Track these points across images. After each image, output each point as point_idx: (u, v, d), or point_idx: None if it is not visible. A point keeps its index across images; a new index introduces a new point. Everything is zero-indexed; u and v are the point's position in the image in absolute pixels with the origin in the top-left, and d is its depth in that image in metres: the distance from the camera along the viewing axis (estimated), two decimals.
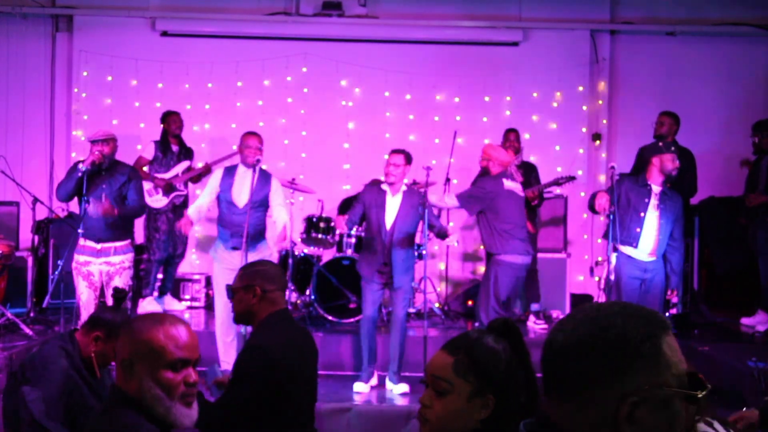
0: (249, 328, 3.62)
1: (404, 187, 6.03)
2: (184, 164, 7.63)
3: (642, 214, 5.74)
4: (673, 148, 5.90)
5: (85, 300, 5.78)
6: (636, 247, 5.75)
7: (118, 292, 3.34)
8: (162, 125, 7.69)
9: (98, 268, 5.85)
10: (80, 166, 5.81)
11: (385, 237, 5.92)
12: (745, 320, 7.22)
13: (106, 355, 3.22)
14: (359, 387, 5.93)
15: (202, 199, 6.11)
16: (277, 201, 6.05)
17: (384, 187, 6.04)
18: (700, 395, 1.29)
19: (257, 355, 3.17)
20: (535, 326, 7.21)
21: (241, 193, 5.91)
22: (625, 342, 1.27)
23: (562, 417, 1.31)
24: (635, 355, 1.27)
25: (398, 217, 5.93)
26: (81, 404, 3.16)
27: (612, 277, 5.81)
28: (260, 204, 5.99)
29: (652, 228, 5.75)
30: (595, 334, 1.29)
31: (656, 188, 5.80)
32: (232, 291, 3.37)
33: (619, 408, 1.26)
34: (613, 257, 5.87)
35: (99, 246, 5.87)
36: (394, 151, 6.02)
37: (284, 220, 5.97)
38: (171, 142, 7.62)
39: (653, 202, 5.78)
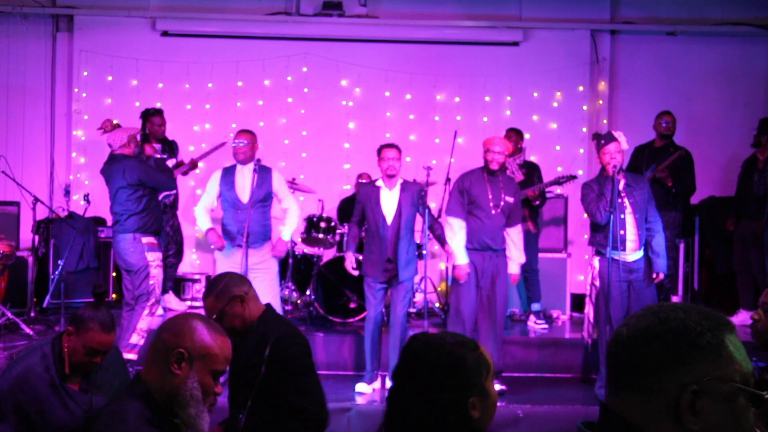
0: None
1: (400, 180, 6.02)
2: (170, 162, 7.53)
3: (622, 216, 5.58)
4: (603, 141, 5.68)
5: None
6: (625, 250, 5.59)
7: (97, 288, 3.28)
8: (143, 122, 7.46)
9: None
10: (157, 155, 6.18)
11: (386, 233, 5.89)
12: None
13: (77, 351, 3.12)
14: (362, 387, 5.91)
15: (205, 200, 6.17)
16: (284, 193, 6.15)
17: (378, 183, 6.02)
18: (767, 395, 1.32)
19: (300, 341, 3.26)
20: (536, 326, 7.21)
21: (245, 189, 5.98)
22: (685, 332, 1.32)
23: (628, 408, 1.36)
24: (694, 345, 1.31)
25: (398, 212, 5.91)
26: (36, 406, 3.07)
27: (597, 283, 5.70)
28: (263, 200, 6.03)
29: (631, 225, 5.62)
30: (656, 324, 1.35)
31: (621, 184, 5.61)
32: (219, 317, 3.28)
33: (680, 397, 1.30)
34: (596, 261, 5.74)
35: (157, 241, 6.00)
36: (388, 146, 6.01)
37: (294, 211, 6.14)
38: (151, 141, 7.32)
39: (624, 200, 5.62)
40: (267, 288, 5.92)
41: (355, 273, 6.14)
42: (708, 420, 1.30)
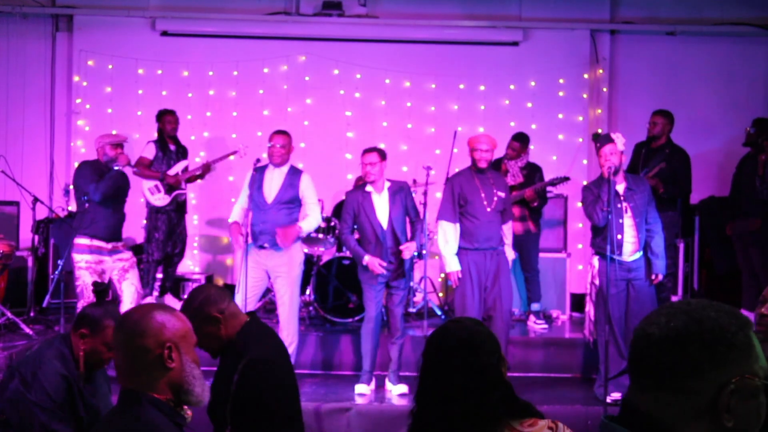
0: None
1: (388, 183, 5.98)
2: (183, 164, 7.62)
3: (621, 220, 5.56)
4: (598, 144, 5.68)
5: None
6: (621, 254, 5.58)
7: (98, 286, 3.31)
8: (158, 124, 7.66)
9: (112, 266, 5.97)
10: (116, 166, 6.04)
11: (384, 238, 5.86)
12: None
13: (97, 351, 3.16)
14: (361, 388, 5.89)
15: (241, 199, 6.09)
16: (310, 199, 6.02)
17: (368, 188, 5.97)
18: None
19: (269, 368, 3.01)
20: (535, 326, 7.20)
21: (270, 190, 5.95)
22: (722, 333, 1.33)
23: (656, 406, 1.37)
24: (731, 346, 1.33)
25: (391, 215, 5.89)
26: (72, 407, 3.13)
27: (597, 282, 5.70)
28: (288, 202, 5.96)
29: (630, 228, 5.61)
30: (692, 326, 1.34)
31: (620, 187, 5.60)
32: (198, 332, 3.20)
33: (719, 397, 1.32)
34: (595, 260, 5.74)
35: (110, 245, 5.99)
36: (366, 151, 5.96)
37: (315, 219, 6.01)
38: (168, 141, 7.60)
39: (624, 204, 5.60)
40: (285, 293, 5.88)
41: (383, 270, 5.83)
42: (739, 416, 1.32)
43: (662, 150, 7.13)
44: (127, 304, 5.86)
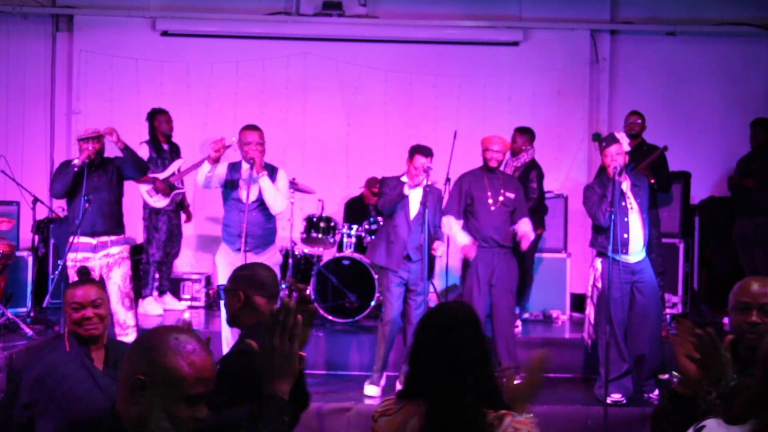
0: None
1: (426, 182, 5.82)
2: (177, 163, 7.58)
3: (626, 219, 5.54)
4: (604, 144, 5.63)
5: None
6: (627, 253, 5.55)
7: (83, 272, 3.54)
8: (149, 123, 7.56)
9: (98, 263, 5.77)
10: (75, 161, 5.78)
11: (409, 228, 5.82)
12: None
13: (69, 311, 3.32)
14: (371, 390, 5.82)
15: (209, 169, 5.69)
16: (283, 192, 5.81)
17: (404, 179, 5.88)
18: None
19: (245, 361, 2.83)
20: None
21: (249, 190, 5.60)
22: None
23: None
24: None
25: (421, 210, 5.78)
26: (62, 388, 3.13)
27: (599, 285, 5.67)
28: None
29: (637, 227, 5.58)
30: None
31: (626, 185, 5.57)
32: (223, 292, 3.22)
33: None
34: (598, 263, 5.71)
35: (95, 241, 5.79)
36: (424, 152, 5.76)
37: (280, 203, 5.71)
38: (161, 140, 7.54)
39: (631, 202, 5.58)
40: None
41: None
42: None
43: (640, 148, 7.13)
44: (111, 303, 5.79)
